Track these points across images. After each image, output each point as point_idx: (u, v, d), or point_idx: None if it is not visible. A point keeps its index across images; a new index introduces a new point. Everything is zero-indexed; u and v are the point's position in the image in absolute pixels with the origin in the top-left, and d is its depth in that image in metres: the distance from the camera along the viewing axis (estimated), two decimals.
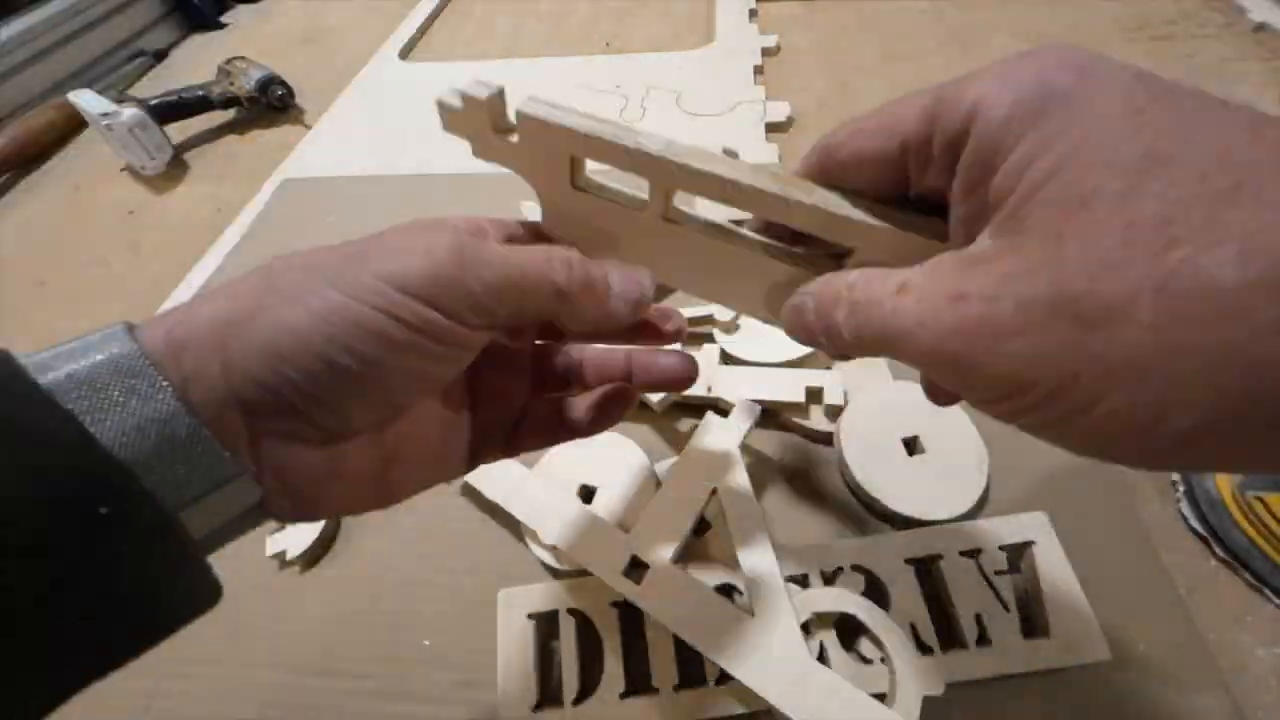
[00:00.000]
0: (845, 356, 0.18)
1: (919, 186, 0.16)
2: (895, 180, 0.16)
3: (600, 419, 0.24)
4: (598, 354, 0.24)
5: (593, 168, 0.20)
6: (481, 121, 0.20)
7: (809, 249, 0.19)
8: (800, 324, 0.18)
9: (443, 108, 0.20)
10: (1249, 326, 0.10)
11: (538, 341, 0.24)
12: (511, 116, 0.20)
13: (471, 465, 0.23)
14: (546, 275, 0.17)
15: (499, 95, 0.20)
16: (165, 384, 0.14)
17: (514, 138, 0.20)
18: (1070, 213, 0.12)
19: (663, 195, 0.19)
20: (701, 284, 0.22)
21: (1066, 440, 0.13)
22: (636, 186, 0.19)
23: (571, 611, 0.29)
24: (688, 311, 0.40)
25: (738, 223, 0.20)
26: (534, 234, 0.22)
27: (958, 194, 0.14)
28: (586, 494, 0.33)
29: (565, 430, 0.24)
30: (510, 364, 0.23)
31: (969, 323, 0.12)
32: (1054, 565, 0.29)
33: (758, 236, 0.20)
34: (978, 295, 0.12)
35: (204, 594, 0.15)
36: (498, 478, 0.33)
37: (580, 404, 0.24)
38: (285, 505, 0.17)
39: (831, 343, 0.16)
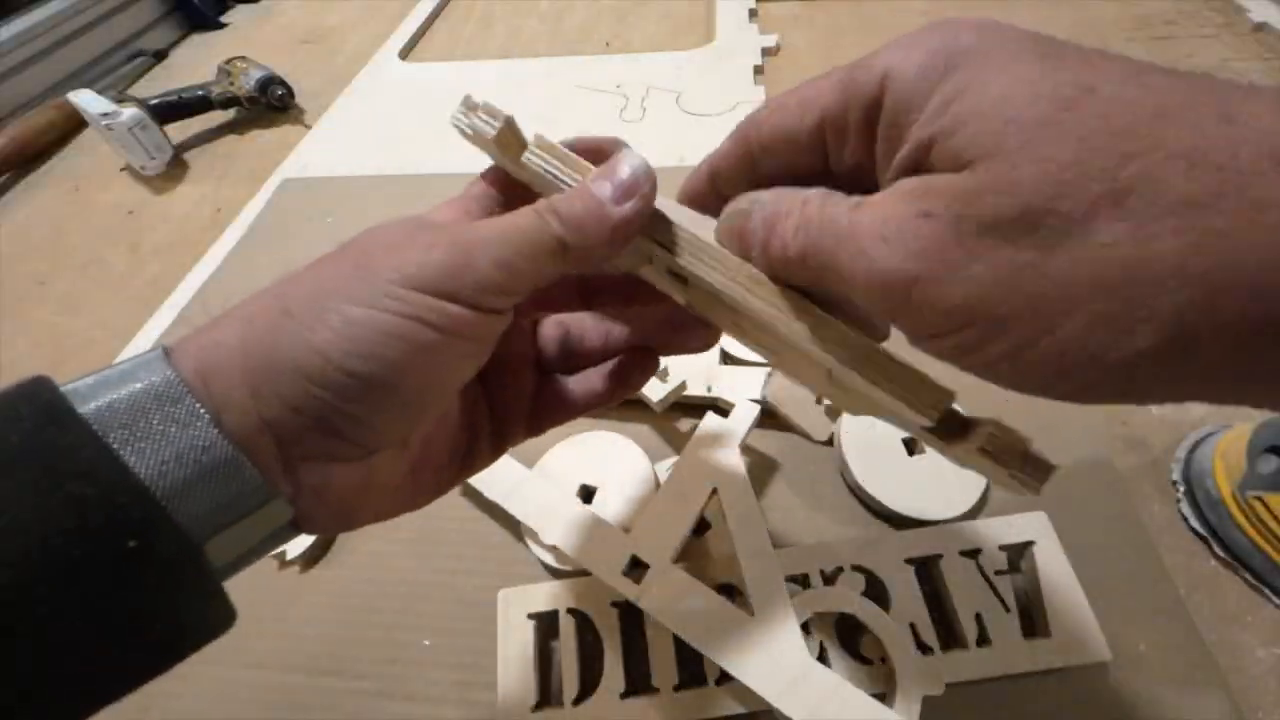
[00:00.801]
0: (774, 280, 0.17)
1: (840, 164, 0.16)
2: (815, 158, 0.16)
3: (619, 387, 0.23)
4: (601, 324, 0.24)
5: None
6: (501, 150, 0.19)
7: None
8: (740, 230, 0.17)
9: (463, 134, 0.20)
10: (1203, 232, 0.10)
11: (544, 316, 0.24)
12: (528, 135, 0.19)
13: (498, 452, 0.23)
14: (545, 230, 0.17)
15: (508, 126, 0.19)
16: (203, 411, 0.14)
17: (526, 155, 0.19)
18: (1017, 136, 0.12)
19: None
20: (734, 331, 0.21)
21: (1009, 375, 0.13)
22: None
23: (571, 611, 0.29)
24: None
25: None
26: (503, 187, 0.21)
27: (882, 156, 0.14)
28: (586, 494, 0.33)
29: (584, 402, 0.23)
30: (515, 348, 0.23)
31: (933, 242, 0.12)
32: (1054, 565, 0.29)
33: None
34: (944, 213, 0.12)
35: (219, 621, 0.16)
36: (498, 478, 0.33)
37: (595, 375, 0.24)
38: (321, 521, 0.17)
39: (768, 258, 0.16)
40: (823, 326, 0.16)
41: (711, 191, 0.19)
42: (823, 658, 0.27)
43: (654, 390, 0.35)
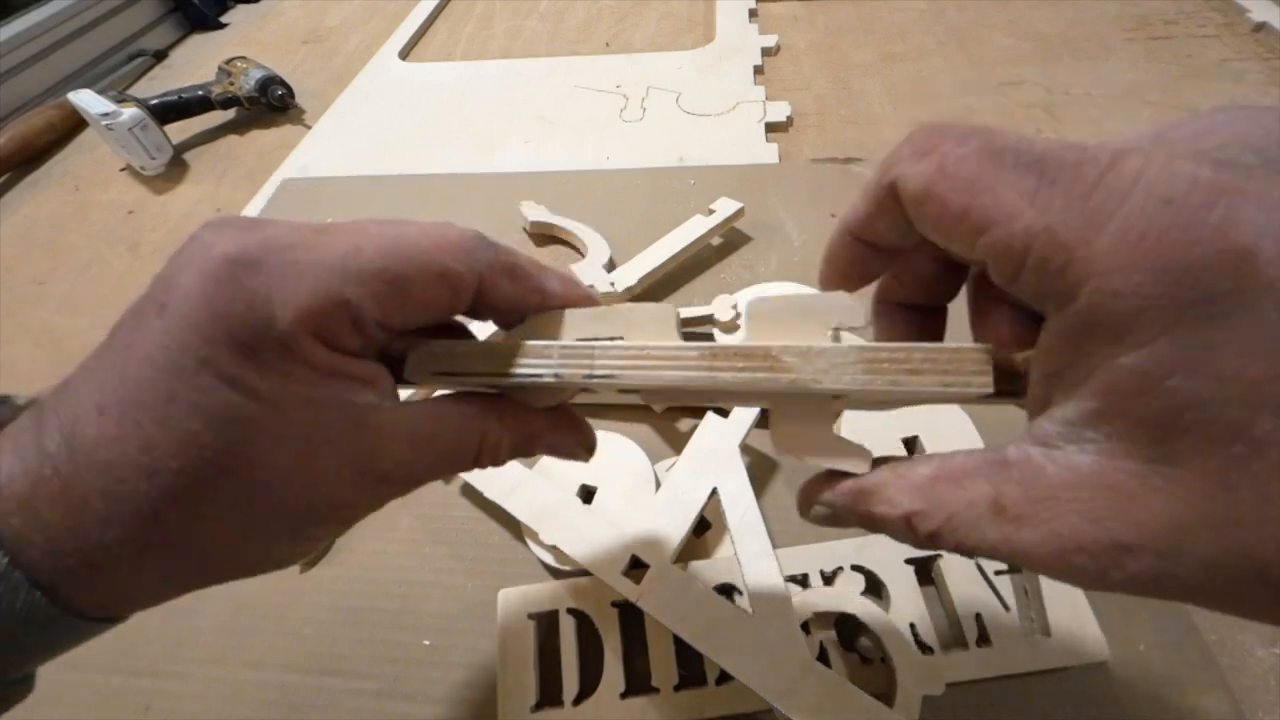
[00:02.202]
0: None
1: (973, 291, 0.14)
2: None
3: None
4: None
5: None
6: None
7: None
8: (837, 526, 0.16)
9: None
10: None
11: None
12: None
13: None
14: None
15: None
16: None
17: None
18: (1238, 456, 0.10)
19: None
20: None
21: None
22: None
23: (571, 611, 0.29)
24: (686, 311, 0.40)
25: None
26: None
27: (1049, 346, 0.12)
28: (586, 494, 0.33)
29: None
30: None
31: (1140, 575, 0.11)
32: None
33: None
34: (1147, 549, 0.11)
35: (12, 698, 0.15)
36: (498, 478, 0.33)
37: None
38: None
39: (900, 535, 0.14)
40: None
41: (865, 252, 0.16)
42: (823, 658, 0.27)
43: None
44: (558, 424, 0.18)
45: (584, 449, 0.19)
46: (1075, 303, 0.11)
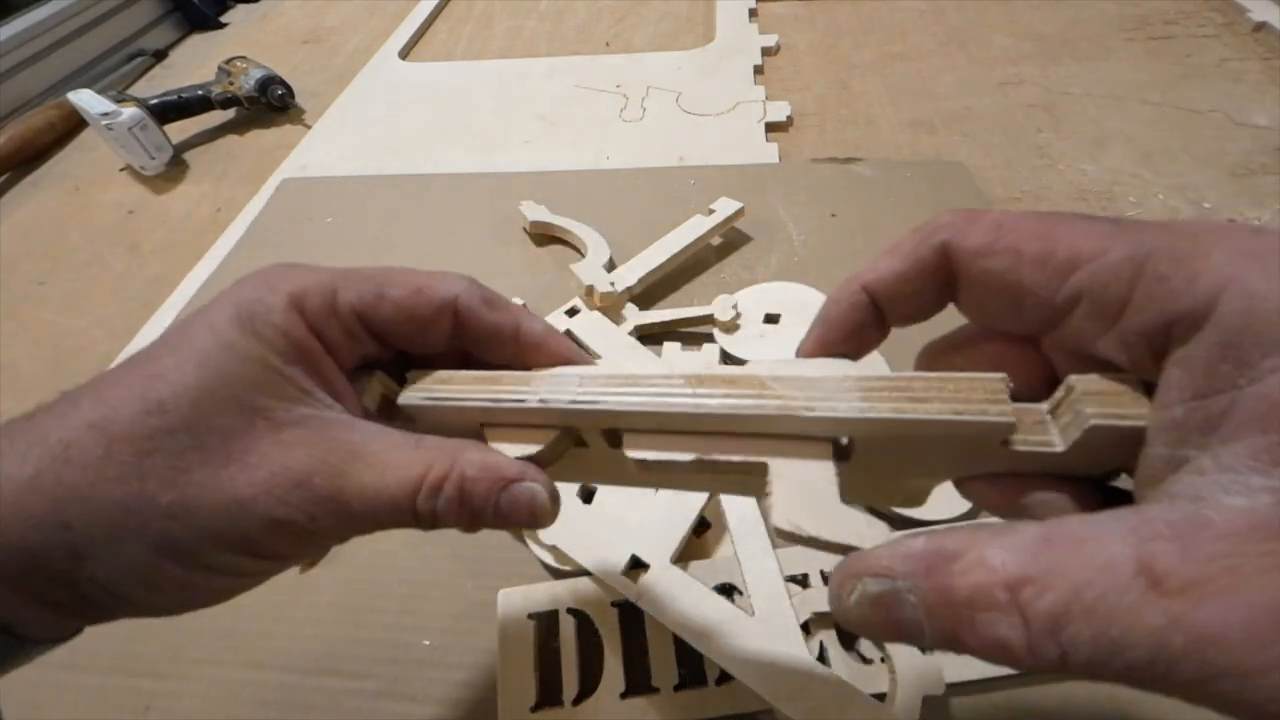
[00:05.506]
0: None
1: (1072, 347, 0.12)
2: (1031, 324, 0.13)
3: None
4: None
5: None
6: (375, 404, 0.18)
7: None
8: (888, 618, 0.11)
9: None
10: None
11: None
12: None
13: None
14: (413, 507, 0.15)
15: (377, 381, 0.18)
16: None
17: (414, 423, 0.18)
18: None
19: (599, 434, 0.17)
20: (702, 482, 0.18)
21: None
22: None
23: (571, 611, 0.29)
24: (686, 311, 0.40)
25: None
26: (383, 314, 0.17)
27: (1182, 389, 0.10)
28: (586, 494, 0.33)
29: None
30: None
31: None
32: None
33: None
34: None
35: None
36: None
37: None
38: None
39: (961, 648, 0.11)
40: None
41: (874, 317, 0.15)
42: (823, 658, 0.27)
43: None
44: (522, 468, 0.17)
45: (550, 500, 0.17)
46: (1214, 314, 0.10)
